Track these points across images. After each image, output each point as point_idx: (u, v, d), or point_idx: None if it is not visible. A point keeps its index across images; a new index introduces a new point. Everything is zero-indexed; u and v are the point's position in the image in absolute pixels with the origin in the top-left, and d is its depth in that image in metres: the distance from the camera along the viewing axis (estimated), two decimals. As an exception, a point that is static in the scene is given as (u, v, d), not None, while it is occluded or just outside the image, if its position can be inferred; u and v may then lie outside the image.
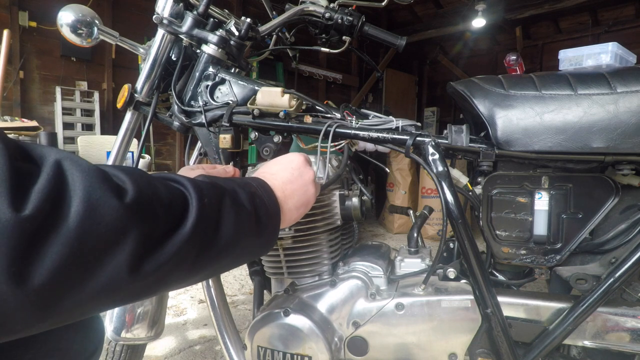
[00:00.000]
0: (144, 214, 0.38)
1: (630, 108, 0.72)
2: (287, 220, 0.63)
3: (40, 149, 0.35)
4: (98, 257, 0.35)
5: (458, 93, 0.83)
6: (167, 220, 0.41)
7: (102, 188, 0.35)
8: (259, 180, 0.59)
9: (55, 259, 0.32)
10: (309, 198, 0.67)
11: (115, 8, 3.87)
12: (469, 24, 5.22)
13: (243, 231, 0.50)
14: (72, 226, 0.33)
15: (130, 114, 1.02)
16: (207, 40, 0.91)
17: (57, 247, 0.32)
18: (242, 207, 0.50)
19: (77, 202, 0.34)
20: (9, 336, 0.33)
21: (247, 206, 0.51)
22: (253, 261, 1.02)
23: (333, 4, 0.98)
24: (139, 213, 0.37)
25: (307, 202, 0.67)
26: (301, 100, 0.85)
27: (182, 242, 0.41)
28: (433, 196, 4.19)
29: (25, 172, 0.32)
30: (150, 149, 4.06)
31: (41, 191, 0.32)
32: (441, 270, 0.88)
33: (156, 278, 0.40)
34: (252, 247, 0.53)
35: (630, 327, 0.76)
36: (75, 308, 0.35)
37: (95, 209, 0.34)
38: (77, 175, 0.35)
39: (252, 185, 0.56)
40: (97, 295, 0.36)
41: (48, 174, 0.33)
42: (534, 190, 0.81)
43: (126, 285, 0.37)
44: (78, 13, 0.96)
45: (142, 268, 0.38)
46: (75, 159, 0.36)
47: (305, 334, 0.82)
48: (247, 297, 2.49)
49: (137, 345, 1.21)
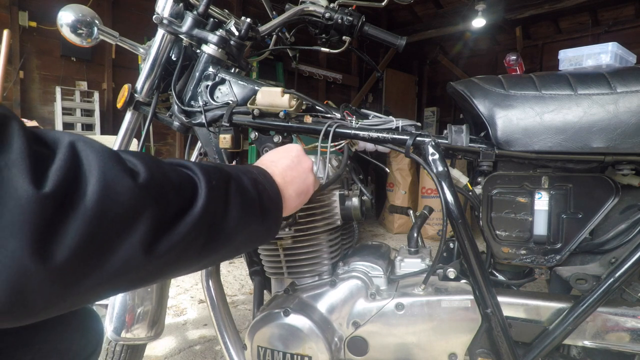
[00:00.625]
0: (157, 194, 0.38)
1: (630, 108, 0.72)
2: (288, 207, 0.63)
3: (52, 133, 0.36)
4: (114, 237, 0.35)
5: (458, 93, 0.83)
6: (178, 201, 0.41)
7: (116, 168, 0.36)
8: (259, 169, 0.60)
9: (75, 237, 0.32)
10: (309, 186, 0.68)
11: (115, 8, 3.86)
12: (469, 24, 5.22)
13: (249, 216, 0.50)
14: (90, 205, 0.33)
15: (130, 114, 1.02)
16: (207, 40, 0.91)
17: (77, 225, 0.32)
18: (247, 192, 0.51)
19: (94, 181, 0.34)
20: (30, 316, 0.33)
21: (251, 191, 0.52)
22: (253, 261, 1.02)
23: (333, 4, 0.98)
24: (151, 193, 0.38)
25: (307, 190, 0.67)
26: (301, 100, 0.85)
27: (193, 223, 0.41)
28: (433, 196, 4.19)
29: (42, 154, 0.33)
30: (150, 149, 4.06)
31: (59, 170, 0.33)
32: (441, 270, 0.88)
33: (169, 259, 0.40)
34: (257, 233, 0.54)
35: (630, 327, 0.76)
36: (94, 288, 0.35)
37: (111, 187, 0.35)
38: (92, 155, 0.35)
39: (253, 172, 0.57)
40: (114, 276, 0.36)
41: (64, 154, 0.34)
42: (534, 190, 0.81)
43: (141, 265, 0.37)
44: (78, 13, 0.96)
45: (156, 248, 0.38)
46: (88, 140, 0.37)
47: (305, 334, 0.82)
48: (247, 297, 2.49)
49: (137, 345, 1.21)
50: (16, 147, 0.31)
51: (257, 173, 0.57)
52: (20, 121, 0.33)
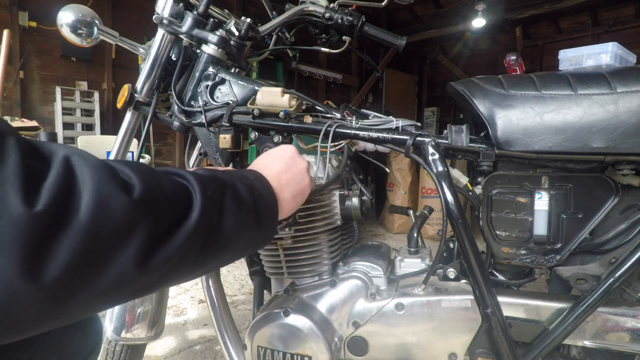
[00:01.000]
0: (151, 208, 0.38)
1: (630, 108, 0.72)
2: (284, 210, 0.63)
3: (48, 145, 0.36)
4: (108, 253, 0.35)
5: (458, 93, 0.83)
6: (173, 213, 0.41)
7: (110, 183, 0.36)
8: (255, 173, 0.60)
9: (67, 254, 0.32)
10: (305, 187, 0.67)
11: (115, 8, 3.87)
12: (469, 24, 5.22)
13: (244, 224, 0.50)
14: (83, 221, 0.33)
15: (130, 114, 1.02)
16: (207, 40, 0.91)
17: (69, 242, 0.32)
18: (243, 200, 0.51)
19: (87, 197, 0.34)
20: (20, 334, 0.33)
21: (247, 199, 0.52)
22: (253, 261, 1.02)
23: (333, 4, 0.98)
24: (146, 208, 0.38)
25: (303, 191, 0.67)
26: (301, 100, 0.85)
27: (188, 235, 0.41)
28: (433, 196, 4.19)
29: (36, 169, 0.33)
30: (150, 149, 4.06)
31: (52, 187, 0.32)
32: (441, 270, 0.88)
33: (163, 272, 0.40)
34: (253, 240, 0.54)
35: (630, 327, 0.76)
36: (87, 303, 0.35)
37: (105, 204, 0.35)
38: (86, 170, 0.35)
39: (249, 178, 0.56)
40: (107, 291, 0.36)
41: (58, 169, 0.34)
42: (534, 190, 0.81)
43: (134, 280, 0.37)
44: (78, 13, 0.96)
45: (150, 262, 0.38)
46: (83, 154, 0.36)
47: (305, 334, 0.82)
48: (247, 297, 2.49)
49: (137, 345, 1.21)
50: (10, 163, 0.31)
51: (254, 179, 0.57)
52: (16, 135, 0.33)
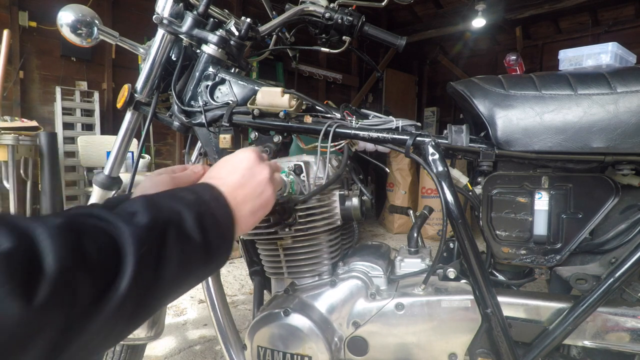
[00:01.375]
0: (63, 299, 0.32)
1: (630, 108, 0.72)
2: (242, 228, 0.56)
3: None
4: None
5: (458, 93, 0.83)
6: (95, 285, 0.35)
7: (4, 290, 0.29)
8: (212, 191, 0.52)
9: None
10: (266, 200, 0.60)
11: (115, 8, 3.87)
12: (469, 24, 5.22)
13: (190, 265, 0.45)
14: None
15: (130, 114, 1.02)
16: (207, 40, 0.91)
17: None
18: (190, 238, 0.45)
19: None
20: None
21: (194, 236, 0.46)
22: (253, 261, 1.02)
23: (333, 4, 0.98)
24: (55, 303, 0.31)
25: (264, 205, 0.59)
26: (301, 100, 0.85)
27: (114, 308, 0.36)
28: (433, 196, 4.19)
29: None
30: (150, 149, 4.06)
31: None
32: (441, 270, 0.88)
33: (87, 352, 0.35)
34: (201, 274, 0.49)
35: (630, 327, 0.76)
36: None
37: None
38: None
39: (203, 200, 0.50)
40: None
41: None
42: (534, 190, 0.81)
43: None
44: (78, 13, 0.96)
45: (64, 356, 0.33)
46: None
47: (305, 334, 0.82)
48: (247, 297, 2.49)
49: (137, 345, 1.21)
50: None
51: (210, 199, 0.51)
52: None
